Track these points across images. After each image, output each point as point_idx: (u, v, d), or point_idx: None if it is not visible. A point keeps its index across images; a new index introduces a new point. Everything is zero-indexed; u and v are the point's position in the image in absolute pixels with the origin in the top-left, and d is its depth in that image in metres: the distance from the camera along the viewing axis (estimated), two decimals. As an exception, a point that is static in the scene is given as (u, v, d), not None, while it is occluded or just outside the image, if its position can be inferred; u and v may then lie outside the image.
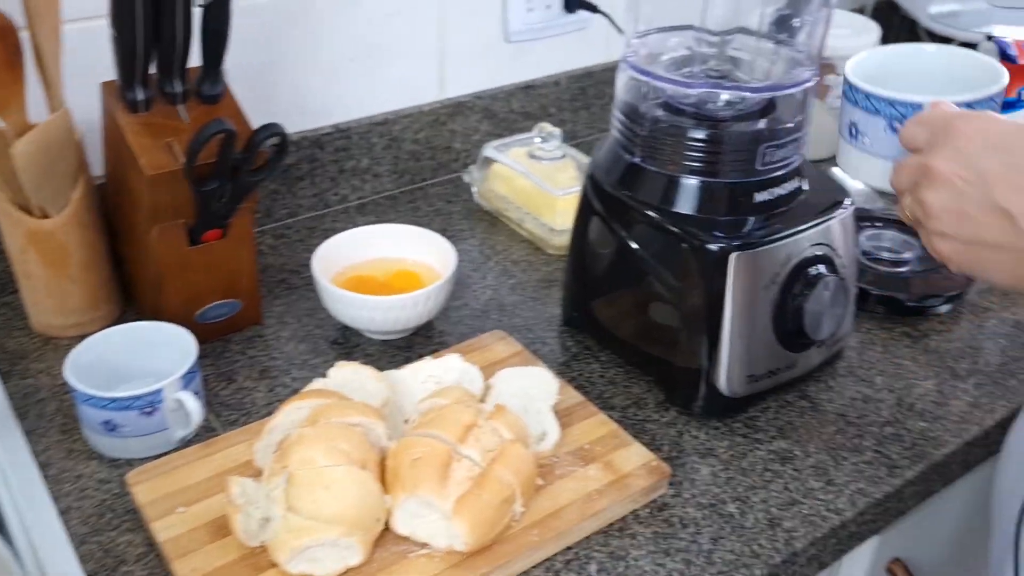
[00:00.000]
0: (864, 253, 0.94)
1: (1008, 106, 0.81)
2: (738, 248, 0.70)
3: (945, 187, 0.55)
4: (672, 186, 0.73)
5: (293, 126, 1.00)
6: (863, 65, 1.09)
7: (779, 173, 0.73)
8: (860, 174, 1.08)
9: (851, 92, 1.06)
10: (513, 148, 1.05)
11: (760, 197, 0.73)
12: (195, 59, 0.75)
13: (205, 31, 0.72)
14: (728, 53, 0.76)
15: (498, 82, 1.13)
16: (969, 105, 0.92)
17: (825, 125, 1.20)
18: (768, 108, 0.74)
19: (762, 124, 0.72)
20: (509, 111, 1.15)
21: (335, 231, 0.89)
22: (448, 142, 1.12)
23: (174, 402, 0.68)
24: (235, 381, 0.79)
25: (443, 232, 1.00)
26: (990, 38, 0.82)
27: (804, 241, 0.73)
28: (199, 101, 0.76)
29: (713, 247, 0.70)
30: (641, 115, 0.73)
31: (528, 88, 1.15)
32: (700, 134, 0.71)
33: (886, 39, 1.37)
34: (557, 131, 1.02)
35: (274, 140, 0.74)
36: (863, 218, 1.00)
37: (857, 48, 1.15)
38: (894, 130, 0.84)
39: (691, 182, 0.72)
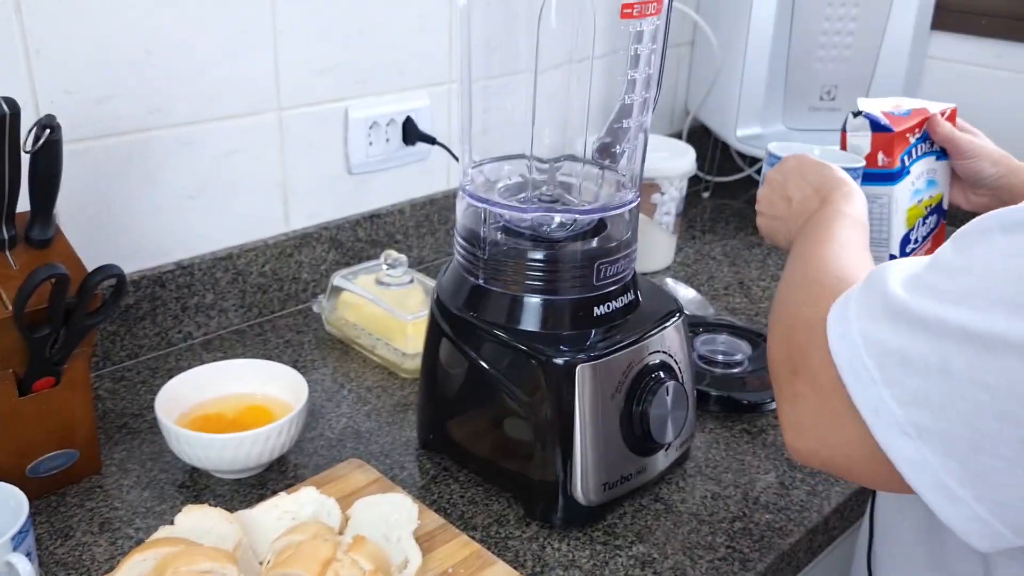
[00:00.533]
0: (700, 357, 1.00)
1: (890, 177, 0.90)
2: (583, 360, 0.73)
3: (767, 186, 0.83)
4: (516, 305, 0.76)
5: (132, 266, 0.98)
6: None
7: (615, 287, 0.78)
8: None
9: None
10: (361, 276, 1.06)
11: (599, 311, 0.76)
12: (25, 204, 0.73)
13: (33, 177, 0.71)
14: (559, 179, 0.81)
15: (343, 212, 1.15)
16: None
17: (657, 239, 1.29)
18: (599, 228, 0.79)
19: (595, 243, 0.77)
20: (356, 240, 1.17)
21: (179, 370, 0.86)
22: (296, 273, 1.12)
23: (4, 566, 0.63)
24: (72, 537, 0.74)
25: (295, 363, 1.00)
26: (857, 114, 0.91)
27: (643, 350, 0.77)
28: (29, 246, 0.74)
29: (559, 360, 0.73)
30: (481, 239, 0.77)
31: (373, 217, 1.18)
32: (538, 255, 0.75)
33: (702, 159, 1.49)
34: (403, 257, 1.04)
35: (110, 282, 0.72)
36: (697, 324, 1.07)
37: (677, 169, 1.25)
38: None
39: (533, 300, 0.75)
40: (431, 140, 1.18)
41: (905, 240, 0.97)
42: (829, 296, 0.55)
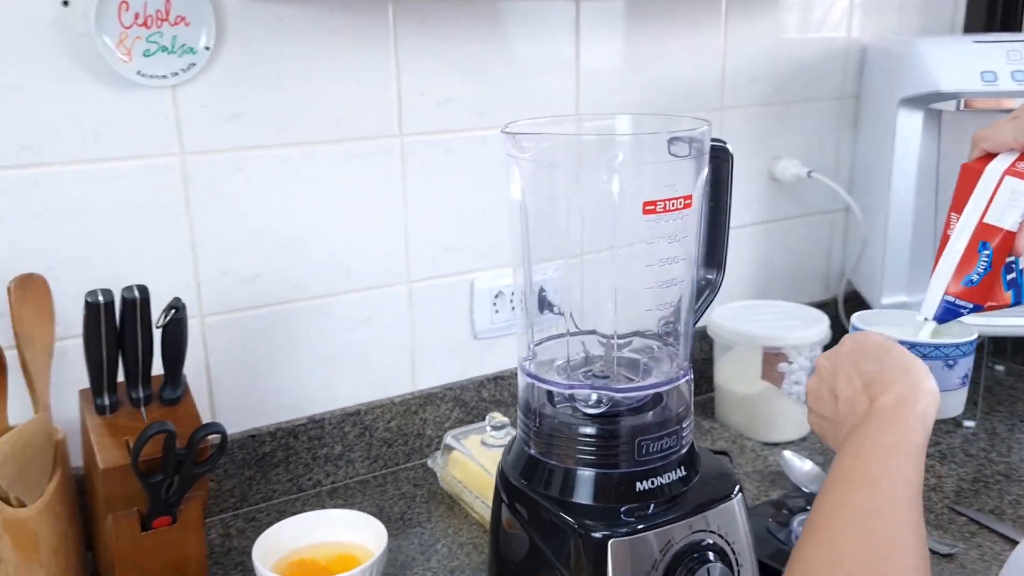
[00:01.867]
0: (797, 539, 0.96)
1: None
2: (616, 535, 0.75)
3: (818, 375, 0.76)
4: (564, 477, 0.80)
5: (271, 419, 1.12)
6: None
7: (661, 463, 0.79)
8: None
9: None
10: (472, 435, 1.13)
11: (642, 486, 0.78)
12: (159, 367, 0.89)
13: (164, 346, 0.86)
14: (616, 355, 0.85)
15: (468, 374, 1.24)
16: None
17: (786, 410, 1.26)
18: (648, 404, 0.82)
19: (641, 419, 0.80)
20: (479, 400, 1.25)
21: (304, 513, 0.97)
22: (420, 429, 1.21)
23: None
24: (167, 663, 0.84)
25: (403, 515, 1.08)
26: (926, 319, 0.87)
27: (686, 528, 0.77)
28: (160, 404, 0.89)
29: (594, 535, 0.75)
30: (533, 412, 0.82)
31: (497, 379, 1.26)
32: (579, 429, 0.79)
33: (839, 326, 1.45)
34: (506, 420, 1.11)
35: (214, 438, 0.84)
36: (799, 503, 1.04)
37: (805, 338, 1.23)
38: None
39: (578, 472, 0.79)
40: (556, 311, 1.25)
41: None
42: None
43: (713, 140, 0.80)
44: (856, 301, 1.54)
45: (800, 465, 1.14)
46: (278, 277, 1.09)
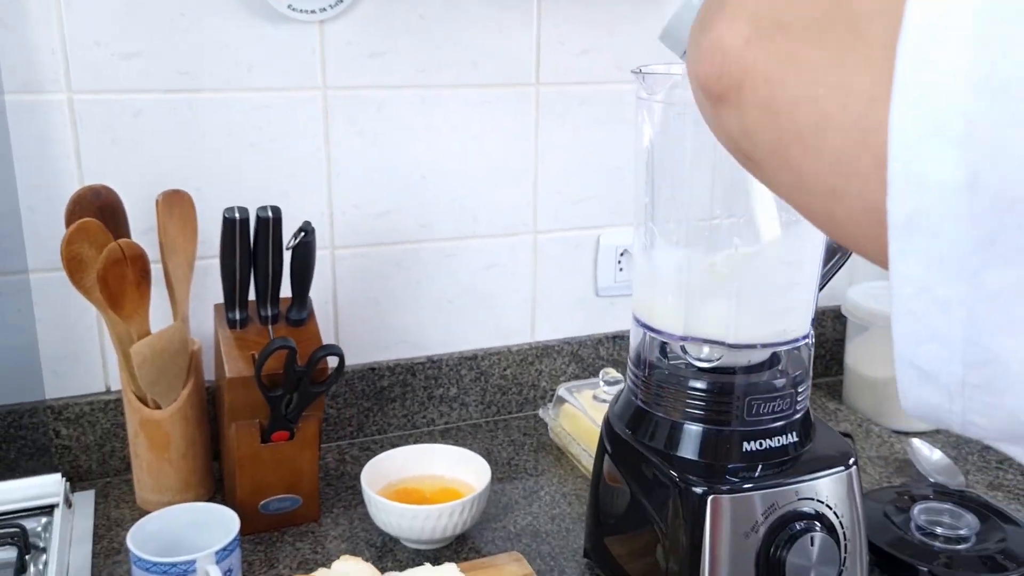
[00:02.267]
0: (918, 528, 0.92)
1: None
2: (718, 492, 0.73)
3: None
4: (670, 430, 0.78)
5: (391, 355, 1.15)
6: None
7: (773, 425, 0.77)
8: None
9: None
10: (585, 390, 1.13)
11: (749, 447, 0.76)
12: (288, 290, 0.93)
13: (293, 268, 0.90)
14: (736, 312, 0.82)
15: (587, 331, 1.24)
16: None
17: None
18: (773, 362, 0.79)
19: (753, 378, 0.77)
20: (597, 357, 1.24)
21: (412, 445, 1.00)
22: (535, 380, 1.22)
23: (204, 573, 0.79)
24: (275, 568, 0.89)
25: (510, 461, 1.09)
26: None
27: (792, 493, 0.74)
28: (287, 324, 0.93)
29: (696, 489, 0.74)
30: (643, 361, 0.81)
31: (616, 338, 1.25)
32: (689, 382, 0.77)
33: None
34: (620, 376, 1.10)
35: (332, 360, 0.87)
36: (919, 492, 0.98)
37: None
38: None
39: (688, 427, 0.77)
40: (678, 271, 1.23)
41: None
42: None
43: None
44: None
45: (928, 455, 1.08)
46: (407, 216, 1.11)
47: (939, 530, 0.91)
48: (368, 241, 1.10)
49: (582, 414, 1.08)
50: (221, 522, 0.85)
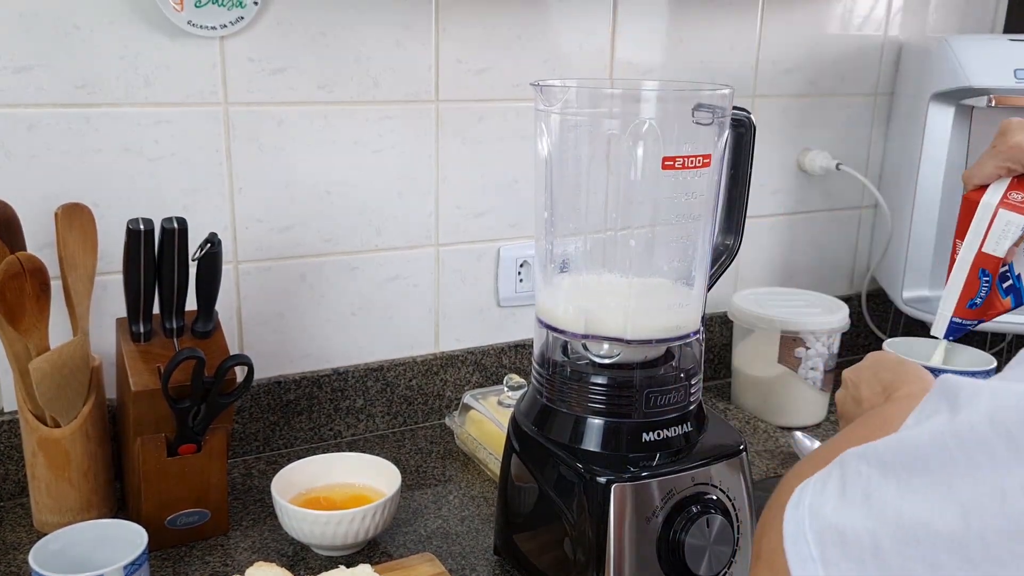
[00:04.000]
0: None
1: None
2: (620, 480, 0.77)
3: (844, 387, 0.82)
4: (574, 424, 0.82)
5: (295, 368, 1.15)
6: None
7: (669, 416, 0.82)
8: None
9: None
10: (490, 396, 1.16)
11: (648, 437, 0.81)
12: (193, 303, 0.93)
13: (199, 280, 0.90)
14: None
15: (490, 340, 1.27)
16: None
17: (803, 394, 1.28)
18: (667, 356, 0.84)
19: (650, 372, 0.82)
20: (500, 366, 1.28)
21: (321, 454, 1.01)
22: (440, 390, 1.24)
23: (113, 588, 0.78)
24: (184, 582, 0.88)
25: (418, 468, 1.11)
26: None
27: (688, 479, 0.79)
28: (193, 336, 0.93)
29: (600, 479, 0.78)
30: (548, 362, 0.85)
31: (518, 347, 1.29)
32: (590, 379, 0.81)
33: (883, 321, 1.46)
34: (523, 381, 1.13)
35: (241, 369, 0.88)
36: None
37: (822, 324, 1.25)
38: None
39: (591, 421, 0.81)
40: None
41: None
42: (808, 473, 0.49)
43: (735, 108, 0.82)
44: (879, 298, 1.55)
45: (810, 445, 1.16)
46: (310, 230, 1.12)
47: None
48: (272, 255, 1.11)
49: (488, 419, 1.11)
50: (127, 537, 0.84)
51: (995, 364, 1.15)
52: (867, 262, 1.58)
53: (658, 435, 0.81)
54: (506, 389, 1.14)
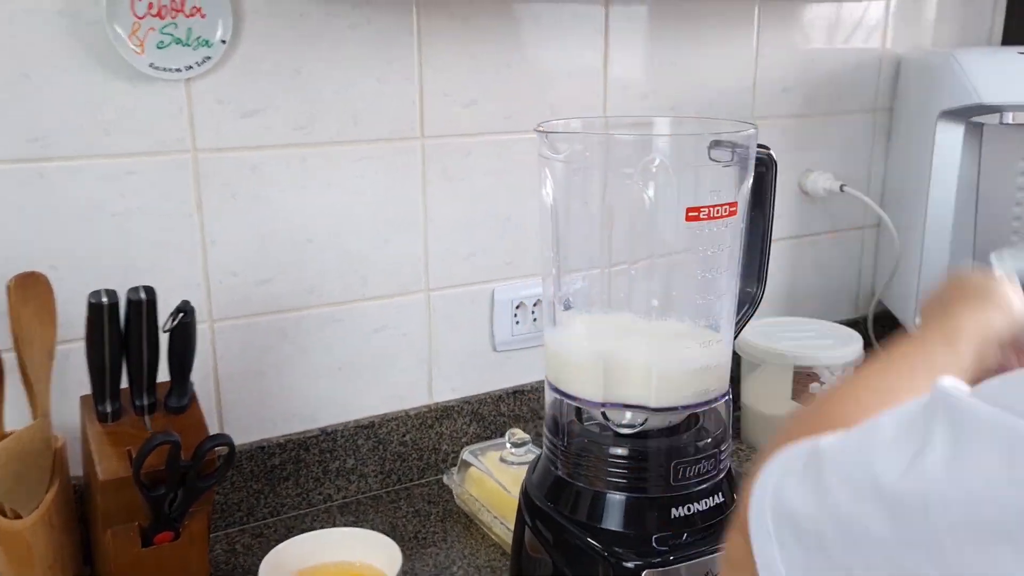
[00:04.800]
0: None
1: None
2: (650, 565, 0.70)
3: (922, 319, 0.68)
4: (594, 501, 0.75)
5: (279, 430, 1.07)
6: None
7: (699, 488, 0.74)
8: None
9: None
10: (490, 451, 1.08)
11: (677, 512, 0.73)
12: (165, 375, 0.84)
13: (171, 352, 0.82)
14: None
15: (486, 388, 1.19)
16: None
17: (816, 430, 1.21)
18: (691, 423, 0.77)
19: (676, 440, 0.75)
20: (498, 414, 1.20)
21: (314, 531, 0.92)
22: (436, 444, 1.16)
23: None
24: None
25: (417, 534, 1.03)
26: None
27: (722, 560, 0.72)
28: (165, 412, 0.84)
29: (627, 564, 0.70)
30: (561, 429, 0.77)
31: (516, 393, 1.21)
32: (611, 450, 0.74)
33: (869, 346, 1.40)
34: (527, 436, 1.06)
35: (222, 449, 0.80)
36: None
37: (838, 358, 1.18)
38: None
39: (609, 496, 0.74)
40: (575, 321, 1.21)
41: None
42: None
43: (758, 146, 0.75)
44: (886, 320, 1.49)
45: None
46: (291, 281, 1.04)
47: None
48: (250, 311, 1.02)
49: (489, 478, 1.03)
50: (101, 645, 0.75)
51: None
52: (871, 285, 1.52)
53: (688, 509, 0.74)
54: (508, 445, 1.06)
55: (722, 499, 0.75)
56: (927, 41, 1.45)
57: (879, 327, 1.49)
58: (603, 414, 0.75)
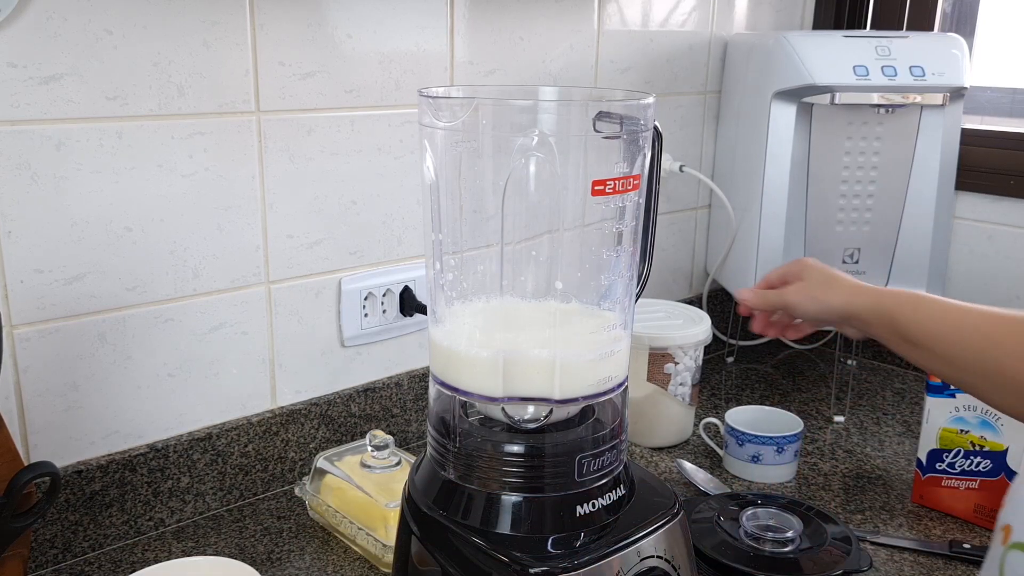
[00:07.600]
0: (747, 534, 0.91)
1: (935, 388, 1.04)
2: (563, 570, 0.64)
3: (801, 282, 0.89)
4: (490, 505, 0.68)
5: (99, 450, 0.92)
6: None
7: (601, 483, 0.69)
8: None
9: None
10: (347, 456, 0.99)
11: (582, 510, 0.68)
12: (-37, 394, 0.69)
13: (-29, 366, 0.67)
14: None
15: (335, 387, 1.10)
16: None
17: (673, 412, 1.21)
18: (586, 415, 0.72)
19: (574, 433, 0.69)
20: (348, 415, 1.10)
21: (145, 563, 0.80)
22: (281, 452, 1.05)
23: None
24: None
25: (270, 554, 0.92)
26: None
27: (634, 555, 0.68)
28: (-36, 440, 0.69)
29: (535, 570, 0.64)
30: (452, 429, 0.70)
31: (368, 391, 1.12)
32: (511, 448, 0.67)
33: (724, 323, 1.43)
34: (389, 438, 0.97)
35: (44, 480, 0.66)
36: (738, 499, 0.99)
37: (691, 337, 1.18)
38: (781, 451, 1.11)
39: (507, 499, 0.68)
40: (418, 310, 1.13)
41: (934, 455, 1.02)
42: None
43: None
44: (721, 297, 1.52)
45: (695, 471, 1.09)
46: (109, 277, 0.90)
47: (769, 535, 0.91)
48: (58, 314, 0.87)
49: (351, 485, 0.94)
50: None
51: (802, 427, 1.15)
52: (703, 263, 1.55)
53: (592, 506, 0.69)
54: (369, 448, 0.97)
55: (623, 492, 0.71)
56: (745, 25, 1.49)
57: (714, 305, 1.52)
58: (503, 410, 0.69)
